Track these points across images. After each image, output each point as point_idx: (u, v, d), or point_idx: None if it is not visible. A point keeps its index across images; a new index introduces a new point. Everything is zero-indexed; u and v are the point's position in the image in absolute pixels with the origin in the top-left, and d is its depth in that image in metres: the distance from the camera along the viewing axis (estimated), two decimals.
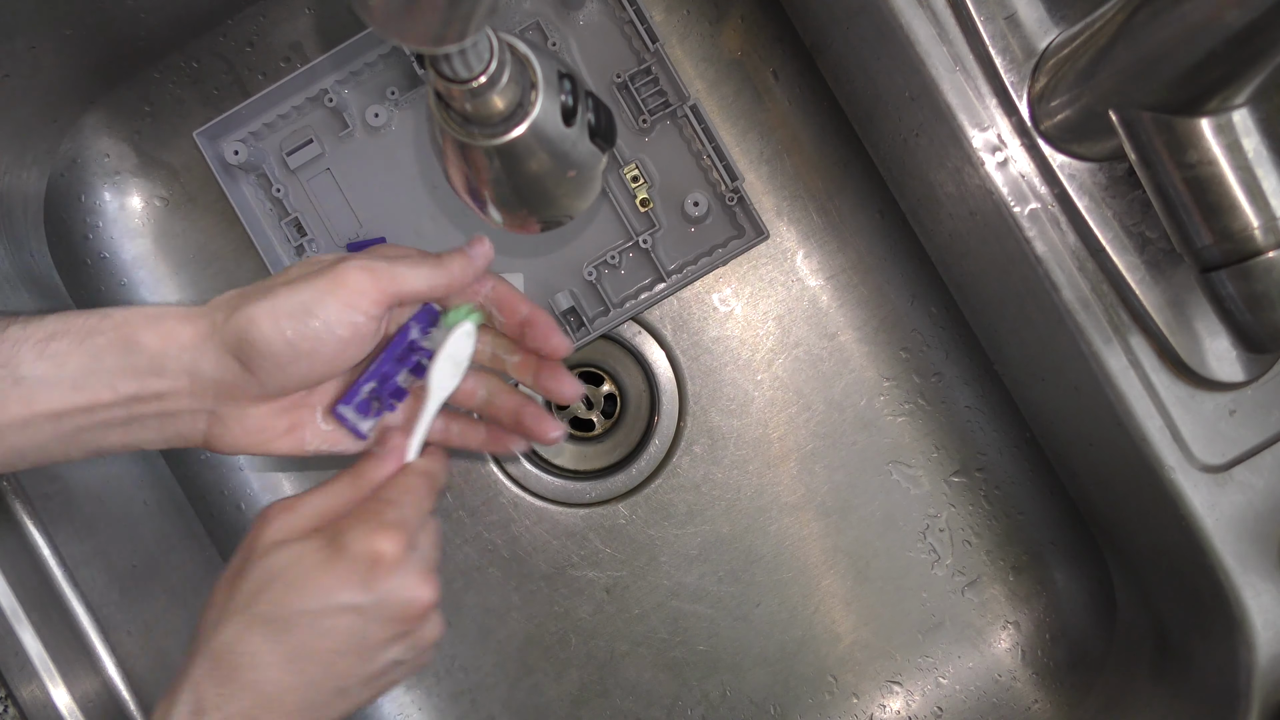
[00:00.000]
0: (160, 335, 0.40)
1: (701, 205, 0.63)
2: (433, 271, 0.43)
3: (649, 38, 0.61)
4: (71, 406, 0.39)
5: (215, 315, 0.40)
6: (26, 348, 0.39)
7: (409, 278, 0.42)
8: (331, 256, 0.42)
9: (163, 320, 0.40)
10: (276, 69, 0.65)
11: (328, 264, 0.41)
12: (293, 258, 0.63)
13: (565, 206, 0.43)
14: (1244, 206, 0.41)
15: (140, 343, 0.40)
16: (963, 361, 0.67)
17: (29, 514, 0.52)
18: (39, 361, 0.38)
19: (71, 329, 0.39)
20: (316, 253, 0.63)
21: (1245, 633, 0.51)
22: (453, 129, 0.36)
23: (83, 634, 0.52)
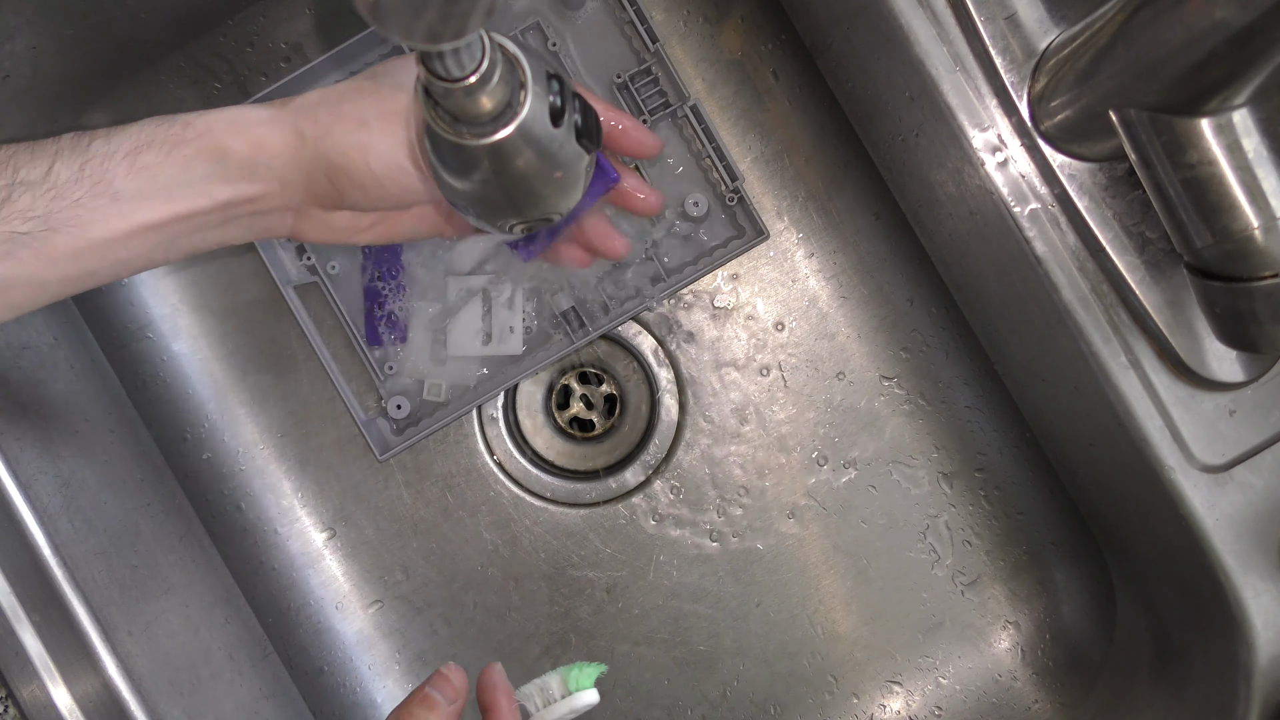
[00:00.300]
0: (249, 142, 0.40)
1: (701, 205, 0.63)
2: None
3: (649, 38, 0.61)
4: (169, 216, 0.40)
5: (302, 125, 0.41)
6: (115, 161, 0.39)
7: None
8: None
9: (249, 127, 0.41)
10: (277, 69, 0.65)
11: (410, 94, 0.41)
12: (293, 257, 0.63)
13: (551, 206, 0.43)
14: (1244, 207, 0.41)
15: (230, 149, 0.40)
16: (963, 361, 0.67)
17: (29, 514, 0.52)
18: (131, 176, 0.39)
19: (156, 139, 0.40)
20: (317, 251, 0.63)
21: (1245, 633, 0.51)
22: (441, 127, 0.36)
23: (83, 634, 0.52)
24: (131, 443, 0.64)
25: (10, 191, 0.38)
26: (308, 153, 0.41)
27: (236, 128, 0.40)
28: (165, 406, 0.66)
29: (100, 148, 0.39)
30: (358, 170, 0.41)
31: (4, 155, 0.38)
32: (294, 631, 0.67)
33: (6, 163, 0.38)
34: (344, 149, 0.41)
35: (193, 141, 0.40)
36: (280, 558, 0.67)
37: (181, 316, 0.66)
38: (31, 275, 0.39)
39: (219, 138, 0.40)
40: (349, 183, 0.41)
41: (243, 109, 0.41)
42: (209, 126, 0.40)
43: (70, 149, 0.39)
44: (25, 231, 0.38)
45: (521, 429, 0.68)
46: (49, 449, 0.56)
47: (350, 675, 0.67)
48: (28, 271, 0.39)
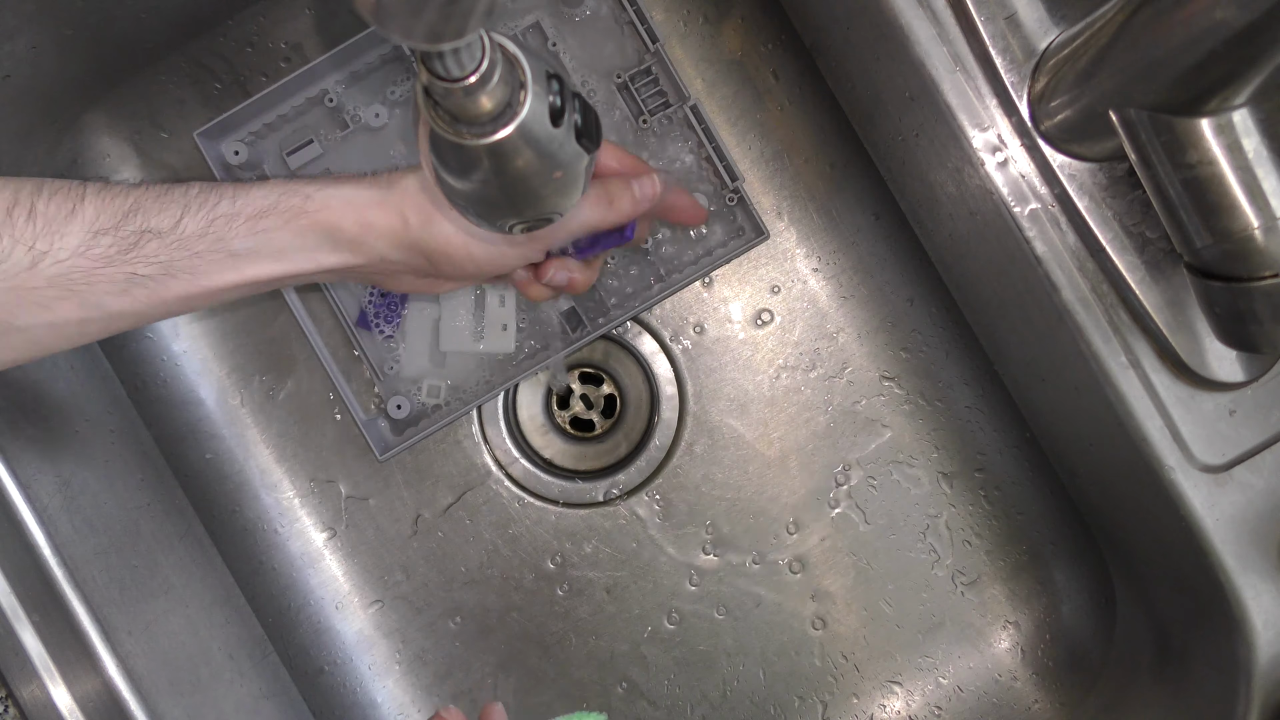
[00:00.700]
0: (359, 223, 0.44)
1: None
2: (603, 215, 0.48)
3: (649, 38, 0.61)
4: (277, 275, 0.44)
5: (408, 211, 0.45)
6: (238, 224, 0.43)
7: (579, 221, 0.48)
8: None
9: (361, 208, 0.45)
10: (277, 69, 0.65)
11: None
12: None
13: (551, 206, 0.43)
14: (1244, 207, 0.41)
15: (341, 226, 0.44)
16: (963, 361, 0.67)
17: (30, 514, 0.52)
18: (251, 237, 0.43)
19: (279, 208, 0.43)
20: None
21: (1245, 633, 0.51)
22: (441, 127, 0.36)
23: (83, 634, 0.52)
24: (131, 443, 0.64)
25: (139, 238, 0.41)
26: (411, 236, 0.45)
27: (350, 208, 0.44)
28: (165, 406, 0.66)
29: (226, 208, 0.42)
30: (459, 257, 0.46)
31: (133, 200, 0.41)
32: (294, 631, 0.67)
33: (137, 209, 0.41)
34: (447, 237, 0.45)
35: (311, 214, 0.44)
36: (280, 558, 0.67)
37: (181, 316, 0.66)
38: (141, 311, 0.42)
39: (334, 215, 0.44)
40: (449, 265, 0.46)
41: (357, 189, 0.45)
42: (326, 203, 0.44)
43: (199, 203, 0.42)
44: (146, 274, 0.41)
45: (521, 429, 0.68)
46: (49, 449, 0.56)
47: (350, 675, 0.67)
48: (139, 308, 0.42)
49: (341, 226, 0.44)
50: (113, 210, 0.41)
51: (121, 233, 0.40)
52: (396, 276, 0.48)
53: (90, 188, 0.41)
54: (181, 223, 0.41)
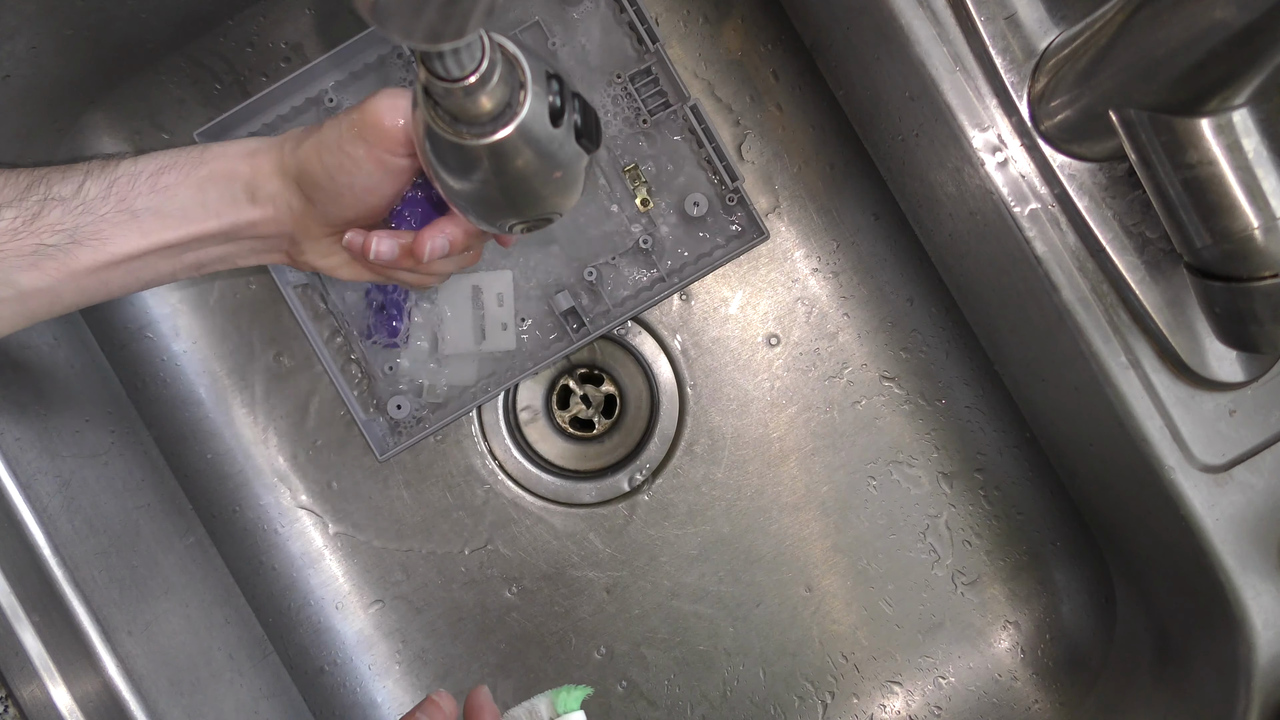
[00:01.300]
0: (252, 166, 0.44)
1: (701, 205, 0.63)
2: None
3: (649, 38, 0.61)
4: (183, 237, 0.44)
5: (285, 146, 0.45)
6: (140, 181, 0.43)
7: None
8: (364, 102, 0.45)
9: (254, 154, 0.45)
10: (277, 69, 0.65)
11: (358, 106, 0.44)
12: None
13: (551, 206, 0.43)
14: (1244, 207, 0.41)
15: (237, 173, 0.44)
16: (963, 361, 0.67)
17: (30, 514, 0.52)
18: (152, 195, 0.43)
19: (179, 163, 0.43)
20: None
21: (1245, 633, 0.51)
22: (441, 127, 0.36)
23: (83, 634, 0.52)
24: (131, 442, 0.64)
25: (43, 206, 0.41)
26: (290, 172, 0.45)
27: (243, 153, 0.45)
28: (165, 406, 0.66)
29: (128, 168, 0.43)
30: (317, 170, 0.44)
31: (38, 174, 0.42)
32: (294, 631, 0.67)
33: (40, 180, 0.41)
34: (305, 154, 0.44)
35: (208, 164, 0.44)
36: (280, 558, 0.67)
37: (181, 316, 0.66)
38: (52, 286, 0.42)
39: (228, 162, 0.44)
40: (315, 187, 0.44)
41: (252, 139, 0.45)
42: (222, 152, 0.44)
43: (100, 169, 0.42)
44: (53, 244, 0.41)
45: (521, 429, 0.68)
46: (49, 449, 0.56)
47: (350, 675, 0.67)
48: (50, 282, 0.42)
49: (238, 172, 0.44)
50: (16, 184, 0.41)
51: (25, 203, 0.40)
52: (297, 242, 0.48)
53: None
54: (84, 188, 0.42)
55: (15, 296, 0.41)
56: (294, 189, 0.45)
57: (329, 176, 0.44)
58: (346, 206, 0.46)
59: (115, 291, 0.44)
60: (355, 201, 0.45)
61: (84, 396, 0.61)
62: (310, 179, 0.44)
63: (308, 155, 0.44)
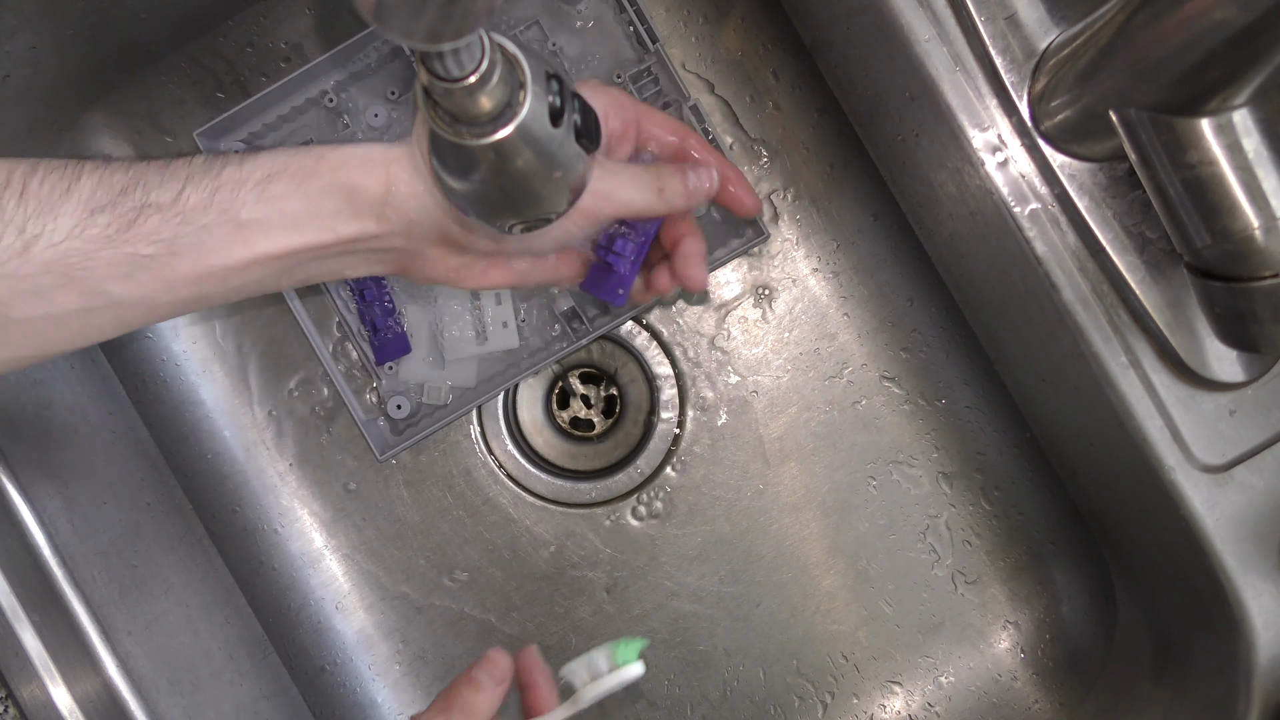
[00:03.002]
0: (381, 181, 0.40)
1: (701, 205, 0.63)
2: (650, 201, 0.45)
3: (649, 38, 0.61)
4: (291, 249, 0.40)
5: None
6: (246, 190, 0.39)
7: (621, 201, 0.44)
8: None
9: (383, 165, 0.40)
10: (277, 69, 0.65)
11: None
12: None
13: (550, 206, 0.43)
14: (1244, 207, 0.41)
15: (360, 186, 0.40)
16: (963, 361, 0.67)
17: (30, 514, 0.52)
18: (259, 205, 0.39)
19: (289, 170, 0.39)
20: None
21: (1245, 633, 0.51)
22: (441, 127, 0.36)
23: (83, 634, 0.52)
24: (131, 443, 0.64)
25: (140, 213, 0.37)
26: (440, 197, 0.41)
27: (370, 165, 0.40)
28: (165, 406, 0.66)
29: (232, 174, 0.39)
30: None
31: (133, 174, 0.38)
32: (294, 631, 0.67)
33: (137, 183, 0.38)
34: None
35: (325, 175, 0.40)
36: (280, 558, 0.67)
37: (181, 317, 0.66)
38: (148, 296, 0.39)
39: (351, 174, 0.40)
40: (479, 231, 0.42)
41: (376, 145, 0.41)
42: (343, 161, 0.40)
43: (202, 173, 0.39)
44: (149, 254, 0.38)
45: (521, 429, 0.68)
46: (49, 450, 0.56)
47: (350, 675, 0.67)
48: (145, 293, 0.39)
49: (361, 185, 0.40)
50: (110, 185, 0.37)
51: (120, 209, 0.37)
52: (422, 254, 0.44)
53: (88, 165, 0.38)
54: (184, 194, 0.38)
55: (108, 305, 0.38)
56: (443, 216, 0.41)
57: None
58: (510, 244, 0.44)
59: (217, 301, 0.41)
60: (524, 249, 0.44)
61: (84, 397, 0.61)
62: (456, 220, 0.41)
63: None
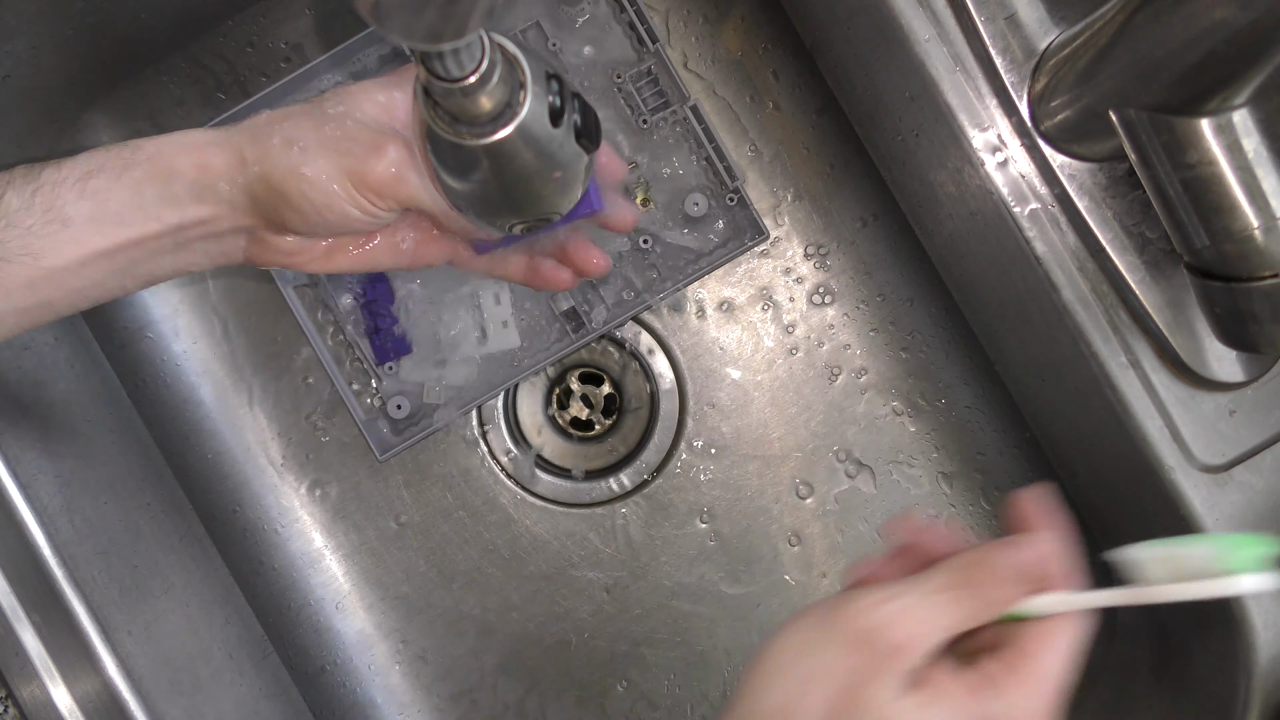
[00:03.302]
0: (195, 164, 0.40)
1: (701, 205, 0.63)
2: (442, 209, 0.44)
3: (649, 38, 0.61)
4: (122, 241, 0.40)
5: (244, 146, 0.41)
6: (66, 188, 0.39)
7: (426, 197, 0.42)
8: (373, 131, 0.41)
9: (196, 149, 0.40)
10: (277, 69, 0.65)
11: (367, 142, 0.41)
12: None
13: (550, 206, 0.43)
14: (1244, 207, 0.41)
15: (177, 170, 0.40)
16: (963, 361, 0.67)
17: (30, 514, 0.52)
18: (82, 201, 0.39)
19: (107, 165, 0.40)
20: None
21: (1245, 633, 0.51)
22: (440, 127, 0.36)
23: (83, 634, 0.52)
24: (131, 443, 0.64)
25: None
26: (251, 173, 0.41)
27: (184, 149, 0.40)
28: (165, 407, 0.66)
29: (51, 175, 0.39)
30: (294, 195, 0.40)
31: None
32: (294, 631, 0.67)
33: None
34: (281, 172, 0.40)
35: (142, 164, 0.40)
36: (280, 558, 0.67)
37: (181, 316, 0.66)
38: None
39: (167, 160, 0.40)
40: (287, 207, 0.41)
41: (192, 131, 0.41)
42: (158, 149, 0.40)
43: (23, 178, 0.39)
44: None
45: (521, 429, 0.68)
46: (49, 449, 0.56)
47: (350, 675, 0.67)
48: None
49: (178, 170, 0.40)
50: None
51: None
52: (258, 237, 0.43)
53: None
54: (5, 198, 0.38)
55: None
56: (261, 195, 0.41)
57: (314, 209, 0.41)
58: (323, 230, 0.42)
59: (62, 308, 0.41)
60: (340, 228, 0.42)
61: (84, 396, 0.61)
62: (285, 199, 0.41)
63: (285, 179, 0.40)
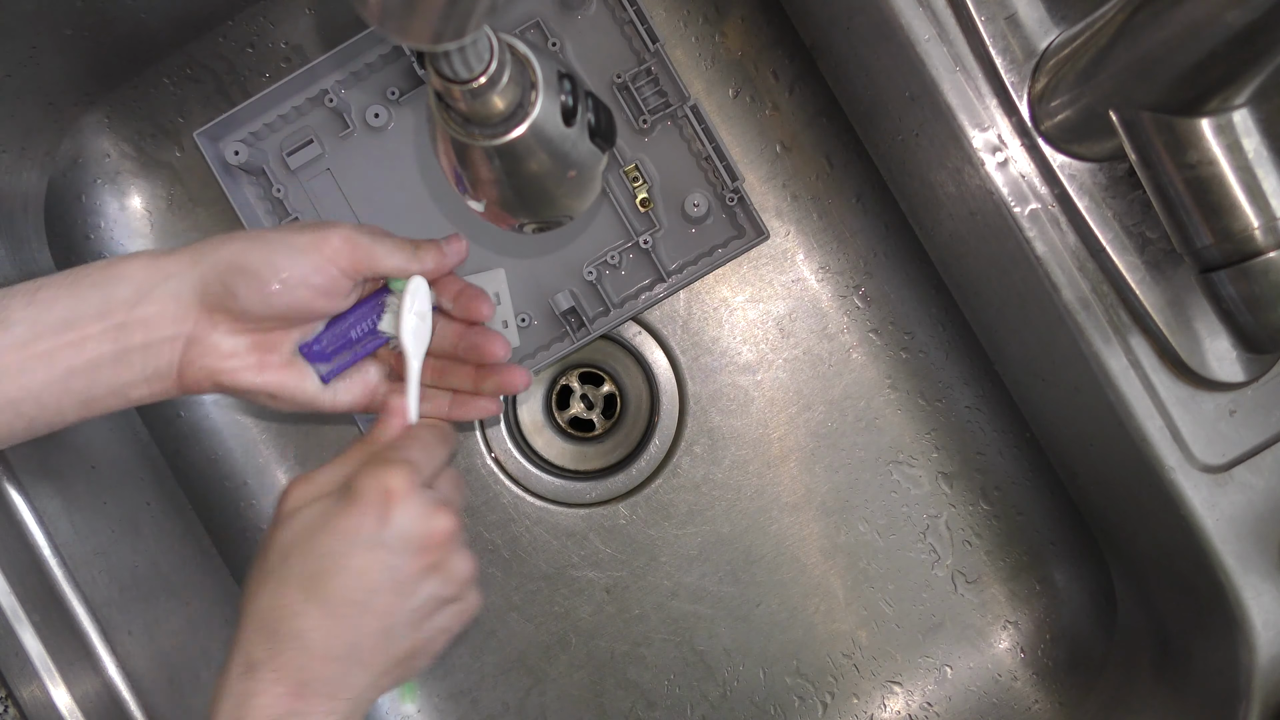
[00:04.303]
0: (144, 267, 0.42)
1: (701, 205, 0.63)
2: (406, 257, 0.46)
3: (649, 38, 0.61)
4: (60, 343, 0.40)
5: (201, 247, 0.43)
6: (15, 298, 0.40)
7: (383, 256, 0.45)
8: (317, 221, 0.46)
9: (151, 256, 0.42)
10: (277, 69, 0.65)
11: (315, 225, 0.44)
12: None
13: (565, 207, 0.43)
14: (1244, 207, 0.41)
15: (126, 275, 0.41)
16: (963, 361, 0.67)
17: (30, 514, 0.52)
18: (28, 308, 0.40)
19: (59, 279, 0.41)
20: None
21: (1245, 633, 0.51)
22: (453, 129, 0.36)
23: (83, 634, 0.52)
24: (131, 443, 0.64)
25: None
26: (205, 264, 0.42)
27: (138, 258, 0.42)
28: (165, 406, 0.66)
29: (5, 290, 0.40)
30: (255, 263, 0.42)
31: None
32: None
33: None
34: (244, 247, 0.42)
35: (92, 274, 0.41)
36: None
37: None
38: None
39: (118, 269, 0.41)
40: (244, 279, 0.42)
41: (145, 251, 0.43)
42: (110, 261, 0.42)
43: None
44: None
45: (521, 429, 0.68)
46: (49, 450, 0.56)
47: None
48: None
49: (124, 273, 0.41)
50: None
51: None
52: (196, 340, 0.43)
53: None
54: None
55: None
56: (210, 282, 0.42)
57: (274, 272, 0.42)
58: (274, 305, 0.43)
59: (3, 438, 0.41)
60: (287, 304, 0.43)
61: None
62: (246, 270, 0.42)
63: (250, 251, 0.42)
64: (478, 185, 0.40)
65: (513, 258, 0.64)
